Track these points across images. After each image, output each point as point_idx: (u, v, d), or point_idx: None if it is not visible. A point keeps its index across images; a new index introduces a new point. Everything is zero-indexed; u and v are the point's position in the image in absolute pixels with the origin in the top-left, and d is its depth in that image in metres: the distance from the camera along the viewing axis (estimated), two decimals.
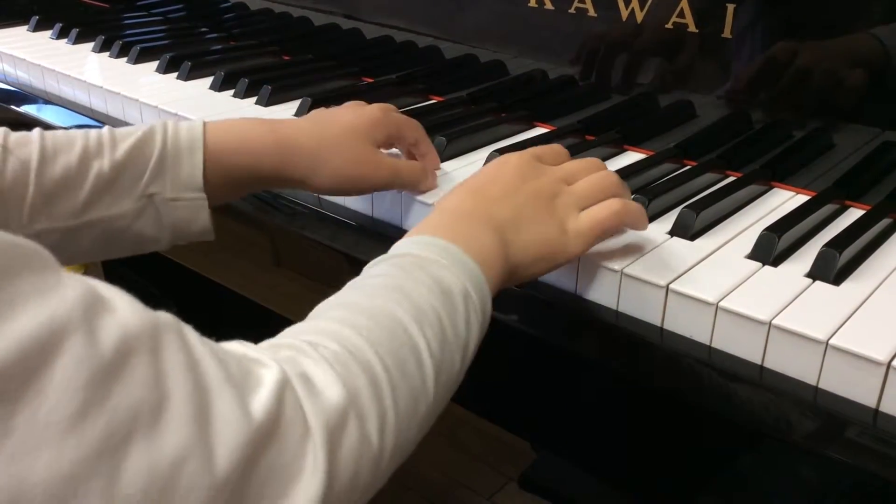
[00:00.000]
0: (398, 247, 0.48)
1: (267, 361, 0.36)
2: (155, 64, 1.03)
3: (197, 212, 0.59)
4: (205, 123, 0.60)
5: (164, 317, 0.33)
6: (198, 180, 0.59)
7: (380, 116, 0.65)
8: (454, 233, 0.48)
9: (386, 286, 0.44)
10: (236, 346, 0.37)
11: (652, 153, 0.77)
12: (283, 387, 0.35)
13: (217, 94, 0.94)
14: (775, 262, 0.57)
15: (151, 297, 0.35)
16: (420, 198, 0.67)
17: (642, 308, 0.55)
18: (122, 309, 0.31)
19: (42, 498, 0.27)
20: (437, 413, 0.44)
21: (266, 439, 0.33)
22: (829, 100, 0.68)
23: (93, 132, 0.58)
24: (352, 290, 0.45)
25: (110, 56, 1.07)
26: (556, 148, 0.60)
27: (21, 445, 0.27)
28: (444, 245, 0.47)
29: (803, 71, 0.69)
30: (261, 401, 0.33)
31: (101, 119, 0.93)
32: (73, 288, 0.30)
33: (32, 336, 0.27)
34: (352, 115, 0.65)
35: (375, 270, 0.46)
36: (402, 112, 0.70)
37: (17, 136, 0.56)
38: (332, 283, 0.75)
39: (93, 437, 0.28)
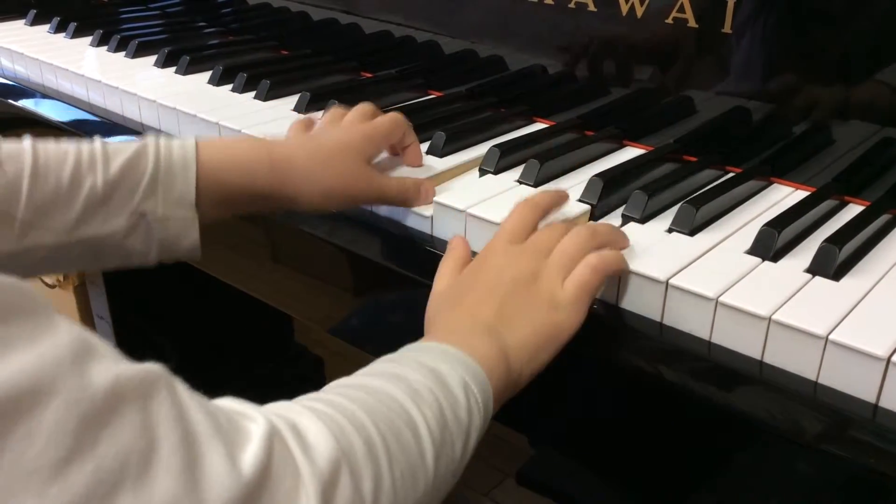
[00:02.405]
0: (398, 350, 0.48)
1: (254, 415, 0.36)
2: (153, 58, 1.02)
3: (187, 229, 0.59)
4: (197, 141, 0.60)
5: (154, 367, 0.32)
6: (190, 198, 0.58)
7: (370, 132, 0.65)
8: (449, 341, 0.48)
9: (383, 373, 0.45)
10: (224, 402, 0.37)
11: (651, 148, 0.77)
12: (272, 438, 0.35)
13: (215, 88, 0.94)
14: (775, 258, 0.57)
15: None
16: (422, 209, 0.66)
17: (642, 303, 0.55)
18: (112, 357, 0.31)
19: None
20: (437, 499, 0.44)
21: (256, 492, 0.33)
22: (829, 95, 0.68)
23: (85, 146, 0.58)
24: (350, 377, 0.45)
25: (108, 50, 1.07)
26: (524, 210, 0.58)
27: (3, 491, 0.26)
28: (443, 347, 0.48)
29: (803, 65, 0.68)
30: (250, 453, 0.33)
31: (99, 113, 0.93)
32: (66, 332, 0.29)
33: (24, 377, 0.27)
34: (342, 133, 0.65)
35: (374, 365, 0.47)
36: (400, 108, 0.70)
37: (7, 150, 0.54)
38: (330, 278, 0.75)
39: (79, 484, 0.27)
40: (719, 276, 0.53)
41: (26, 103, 1.02)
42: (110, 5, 1.33)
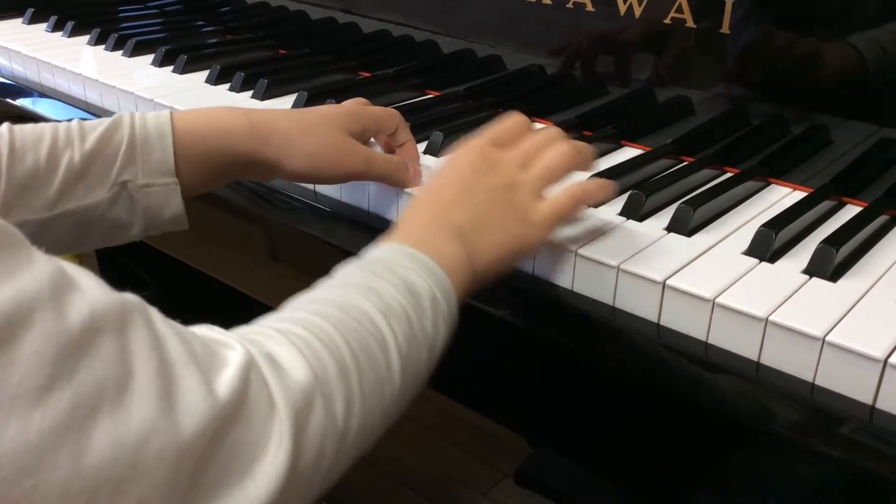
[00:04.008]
0: (368, 252, 0.49)
1: (232, 343, 0.37)
2: (150, 57, 1.02)
3: (169, 196, 0.60)
4: (172, 111, 0.61)
5: (131, 297, 0.34)
6: (169, 165, 0.59)
7: (354, 109, 0.67)
8: (420, 242, 0.49)
9: (355, 284, 0.45)
10: (202, 329, 0.38)
11: (649, 149, 0.76)
12: (249, 367, 0.36)
13: (213, 87, 0.93)
14: (772, 259, 0.56)
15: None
16: (413, 191, 0.66)
17: (638, 304, 0.55)
18: (90, 288, 0.32)
19: (10, 467, 0.28)
20: (404, 405, 0.45)
21: (231, 417, 0.34)
22: (826, 95, 0.68)
23: (62, 125, 0.59)
24: (322, 288, 0.46)
25: (106, 49, 1.07)
26: (512, 124, 0.58)
27: None
28: (412, 252, 0.48)
29: (800, 66, 0.68)
30: (226, 380, 0.34)
31: (96, 112, 0.93)
32: (43, 266, 0.31)
33: (3, 309, 0.28)
34: (327, 106, 0.67)
35: (345, 271, 0.47)
36: (398, 107, 0.70)
37: None
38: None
39: (59, 409, 0.29)
40: (716, 276, 0.53)
41: (23, 102, 1.01)
42: (108, 4, 1.33)
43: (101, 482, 0.30)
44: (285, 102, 0.88)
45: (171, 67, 0.99)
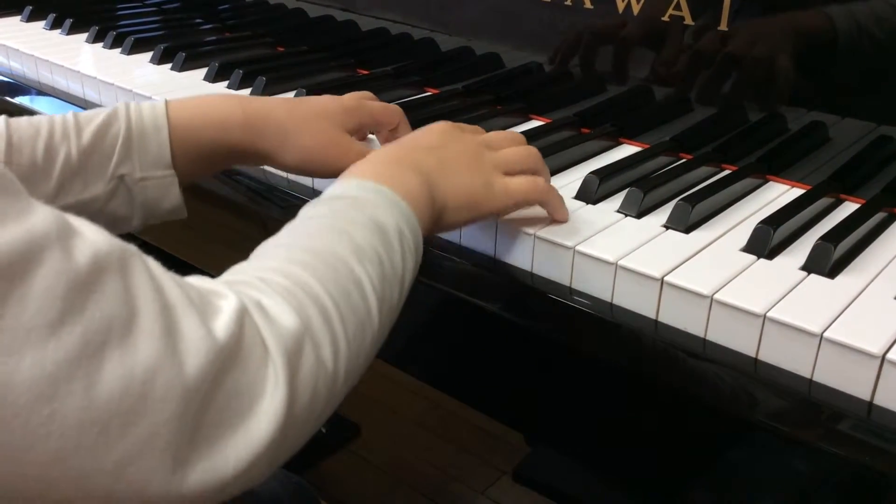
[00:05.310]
0: (332, 189, 0.49)
1: (224, 292, 0.38)
2: (149, 55, 1.02)
3: (167, 189, 0.60)
4: (167, 101, 0.62)
5: (129, 245, 0.35)
6: (166, 158, 0.60)
7: (352, 105, 0.67)
8: (383, 176, 0.50)
9: (325, 226, 0.46)
10: (194, 279, 0.39)
11: (647, 146, 0.77)
12: (242, 314, 0.37)
13: (211, 85, 0.93)
14: (770, 255, 0.56)
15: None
16: None
17: (637, 300, 0.55)
18: (91, 233, 0.34)
19: (27, 396, 0.30)
20: (381, 343, 0.46)
21: (230, 359, 0.35)
22: (825, 93, 0.68)
23: (57, 118, 0.59)
24: (292, 232, 0.46)
25: (104, 47, 1.07)
26: (473, 126, 0.62)
27: (7, 347, 0.29)
28: (376, 187, 0.49)
29: (798, 64, 0.68)
30: (222, 324, 0.36)
31: None
32: (47, 211, 0.32)
33: (14, 248, 0.30)
34: (325, 100, 0.67)
35: (313, 212, 0.48)
36: (398, 104, 0.70)
37: None
38: None
39: (71, 342, 0.31)
40: (714, 273, 0.53)
41: (22, 100, 1.01)
42: (106, 1, 1.33)
43: (112, 413, 0.31)
44: None
45: (169, 65, 0.99)
